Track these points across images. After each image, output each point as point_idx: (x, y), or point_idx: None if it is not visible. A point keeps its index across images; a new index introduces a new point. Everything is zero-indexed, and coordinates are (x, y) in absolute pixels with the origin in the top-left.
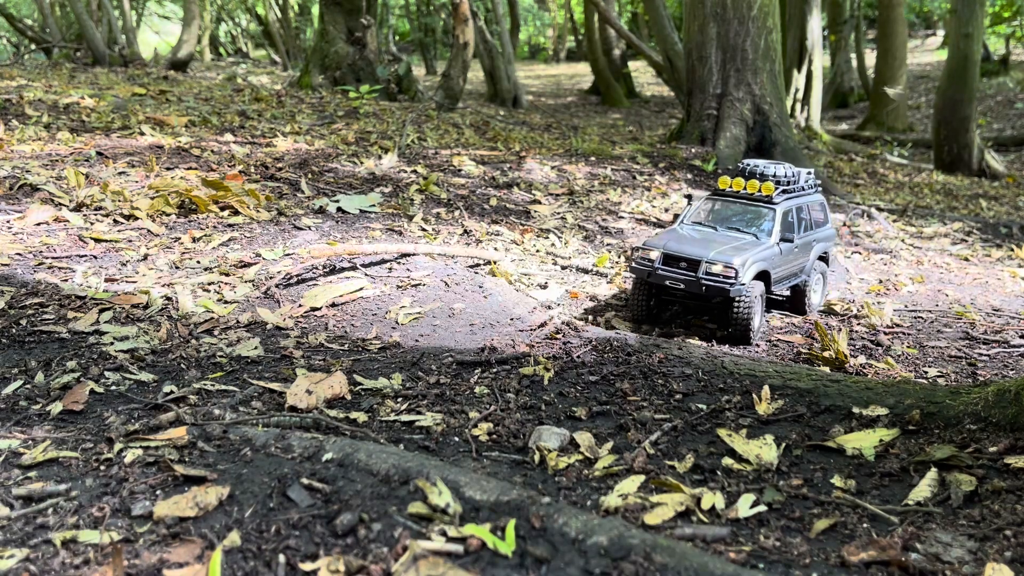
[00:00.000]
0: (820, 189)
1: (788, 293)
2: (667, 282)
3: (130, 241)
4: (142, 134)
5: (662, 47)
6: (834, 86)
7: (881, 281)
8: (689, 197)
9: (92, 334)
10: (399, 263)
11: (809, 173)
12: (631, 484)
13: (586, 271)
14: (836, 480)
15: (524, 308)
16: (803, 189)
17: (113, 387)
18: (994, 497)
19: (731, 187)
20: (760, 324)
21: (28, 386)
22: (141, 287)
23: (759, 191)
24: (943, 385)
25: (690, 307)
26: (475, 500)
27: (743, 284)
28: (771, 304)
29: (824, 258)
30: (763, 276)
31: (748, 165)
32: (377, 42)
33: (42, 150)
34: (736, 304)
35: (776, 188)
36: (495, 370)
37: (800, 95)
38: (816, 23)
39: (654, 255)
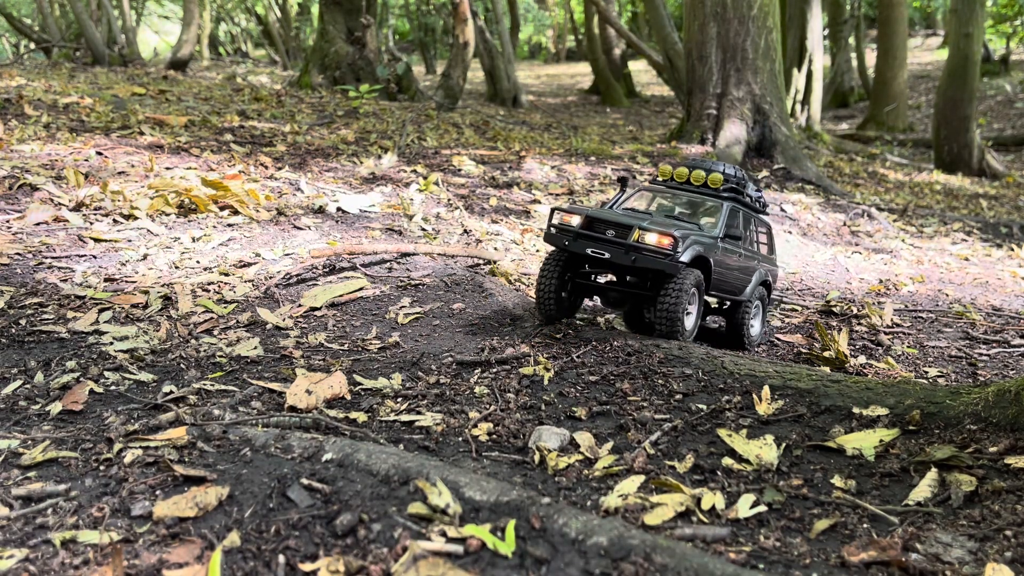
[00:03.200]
0: (768, 214)
1: (723, 321)
2: (589, 250)
3: (130, 241)
4: (142, 134)
5: (662, 47)
6: (834, 86)
7: (881, 281)
8: (623, 180)
9: (92, 334)
10: (399, 263)
11: (758, 191)
12: (631, 484)
13: None
14: (836, 480)
15: (524, 308)
16: (750, 200)
17: (113, 387)
18: (994, 497)
19: (673, 177)
20: (694, 326)
21: (27, 386)
22: (141, 287)
23: (705, 183)
24: (943, 385)
25: (611, 299)
26: (475, 500)
27: (682, 262)
28: (703, 333)
29: (767, 287)
30: (703, 266)
31: (695, 161)
32: (377, 42)
33: (42, 150)
34: (665, 290)
35: (724, 183)
36: (495, 370)
37: (800, 95)
38: (816, 23)
39: (575, 220)
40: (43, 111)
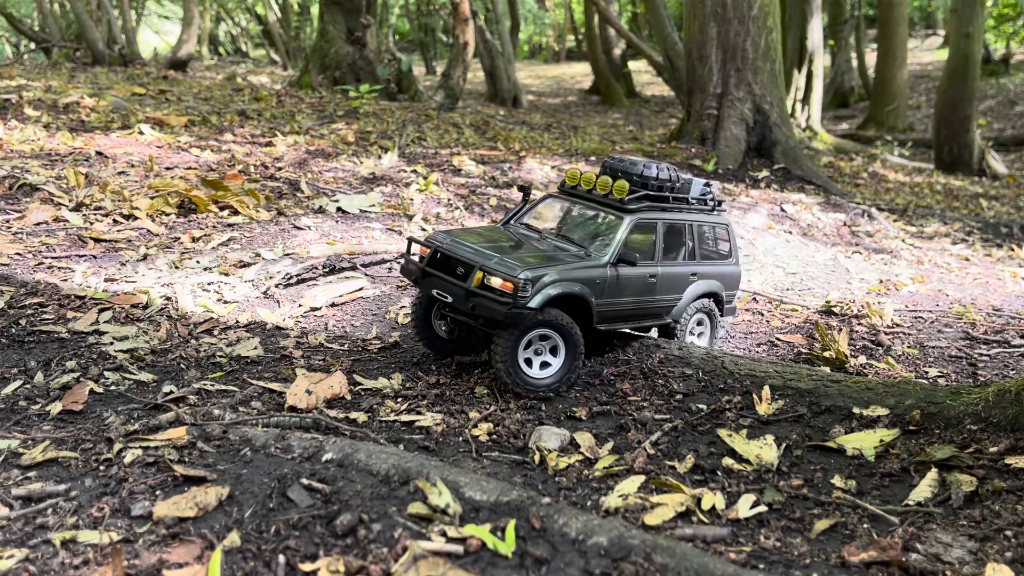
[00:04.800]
0: (722, 212)
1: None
2: (435, 291)
3: (129, 241)
4: (142, 134)
5: (662, 47)
6: (834, 86)
7: (882, 281)
8: (524, 190)
9: (92, 334)
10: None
11: (707, 186)
12: (631, 484)
13: None
14: (836, 480)
15: None
16: (692, 204)
17: (113, 387)
18: (994, 497)
19: (580, 184)
20: (568, 373)
21: (28, 386)
22: (140, 287)
23: (610, 192)
24: (944, 385)
25: (479, 338)
26: (475, 500)
27: (528, 309)
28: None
29: (717, 299)
30: (576, 304)
31: (615, 160)
32: (377, 42)
33: (42, 150)
34: (494, 340)
35: (638, 190)
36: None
37: (800, 95)
38: (817, 23)
39: (424, 253)
40: (43, 111)
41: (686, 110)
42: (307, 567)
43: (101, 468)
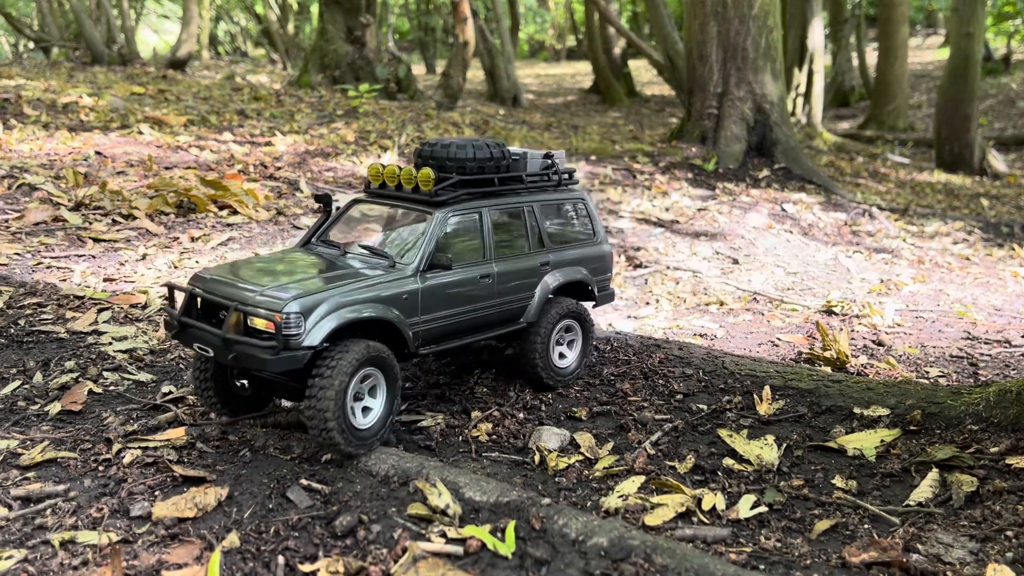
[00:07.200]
0: (576, 184)
1: (508, 349)
2: (196, 346)
3: (129, 241)
4: (141, 133)
5: (663, 46)
6: (835, 85)
7: (882, 281)
8: (322, 200)
9: (90, 334)
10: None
11: (549, 158)
12: (631, 485)
13: None
14: (837, 480)
15: None
16: (533, 183)
17: (112, 387)
18: (995, 498)
19: (384, 181)
20: (380, 423)
21: (26, 386)
22: (140, 287)
23: (415, 185)
24: (944, 385)
25: (288, 390)
26: (475, 501)
27: (304, 349)
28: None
29: (585, 289)
30: (380, 329)
31: (426, 144)
32: (376, 41)
33: (40, 149)
34: (312, 386)
35: (450, 177)
36: (495, 370)
37: (801, 93)
38: (817, 22)
39: (181, 298)
40: (42, 111)
41: (686, 109)
42: (306, 568)
43: (100, 468)
